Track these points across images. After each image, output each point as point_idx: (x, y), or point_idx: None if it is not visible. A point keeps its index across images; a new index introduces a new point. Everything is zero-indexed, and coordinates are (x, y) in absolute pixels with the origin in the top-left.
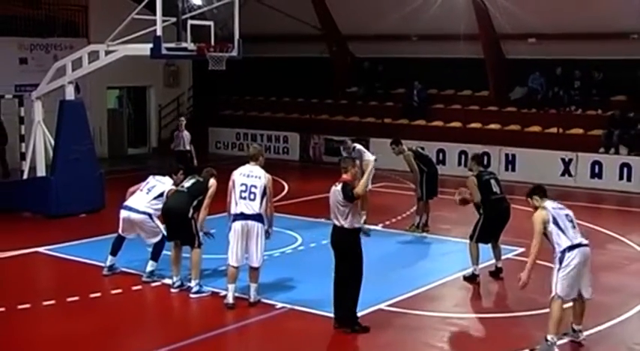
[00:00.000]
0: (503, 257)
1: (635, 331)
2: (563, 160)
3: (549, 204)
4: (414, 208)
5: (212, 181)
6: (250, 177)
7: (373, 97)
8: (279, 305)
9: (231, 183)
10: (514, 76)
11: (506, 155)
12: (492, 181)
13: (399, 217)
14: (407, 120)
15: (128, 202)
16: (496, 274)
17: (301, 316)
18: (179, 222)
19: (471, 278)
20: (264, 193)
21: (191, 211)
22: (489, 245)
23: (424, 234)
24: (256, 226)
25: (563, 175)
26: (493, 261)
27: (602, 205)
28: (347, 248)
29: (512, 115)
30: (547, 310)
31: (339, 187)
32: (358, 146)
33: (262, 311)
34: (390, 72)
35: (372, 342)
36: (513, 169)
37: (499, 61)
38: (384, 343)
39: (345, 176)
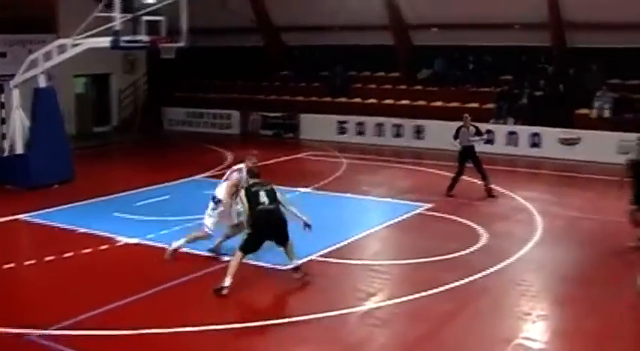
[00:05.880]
0: (416, 211)
1: (522, 269)
2: None
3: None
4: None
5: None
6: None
7: (302, 79)
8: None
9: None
10: (420, 59)
11: (416, 126)
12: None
13: (326, 181)
14: (331, 98)
15: None
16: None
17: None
18: None
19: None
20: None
21: None
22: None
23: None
24: None
25: None
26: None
27: (494, 167)
28: None
29: (419, 92)
30: (449, 256)
31: None
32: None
33: (211, 264)
34: (316, 58)
35: (309, 287)
36: (422, 138)
37: (407, 47)
38: (318, 288)
39: None
